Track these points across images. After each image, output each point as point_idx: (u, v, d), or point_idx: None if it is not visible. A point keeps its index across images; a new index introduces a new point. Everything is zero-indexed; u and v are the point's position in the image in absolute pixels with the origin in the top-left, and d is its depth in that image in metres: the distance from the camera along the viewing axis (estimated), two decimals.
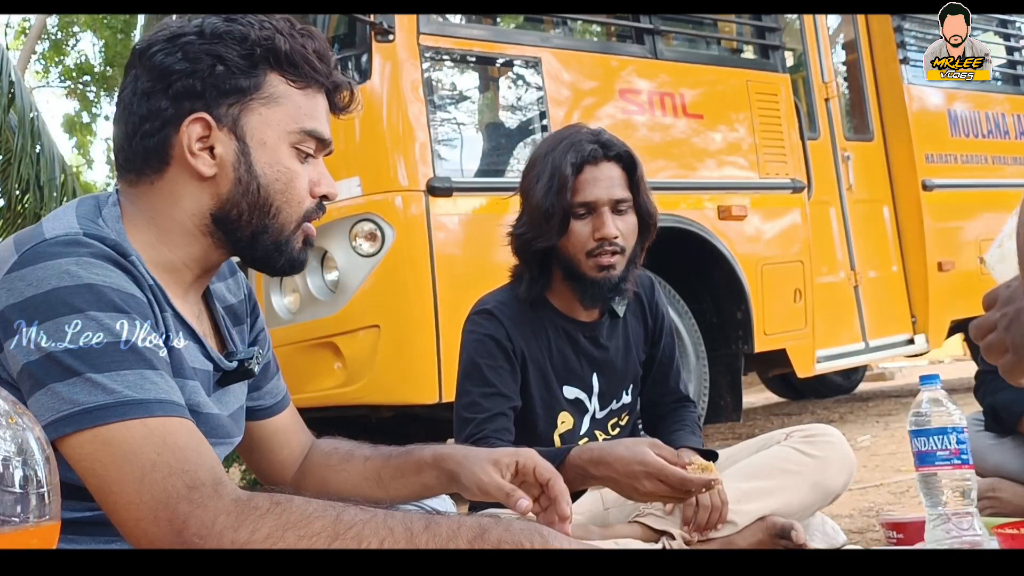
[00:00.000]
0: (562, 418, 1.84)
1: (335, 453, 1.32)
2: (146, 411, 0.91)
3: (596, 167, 1.76)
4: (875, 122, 4.80)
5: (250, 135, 1.06)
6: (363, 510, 0.91)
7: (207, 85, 1.05)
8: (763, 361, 4.14)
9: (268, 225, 1.09)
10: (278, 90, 1.08)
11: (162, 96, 1.05)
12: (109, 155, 15.78)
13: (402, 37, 3.05)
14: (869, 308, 4.50)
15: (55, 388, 0.91)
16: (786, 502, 1.78)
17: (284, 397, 1.35)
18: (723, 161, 3.86)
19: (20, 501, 0.64)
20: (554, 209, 1.73)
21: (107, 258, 0.98)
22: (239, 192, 1.07)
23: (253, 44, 1.06)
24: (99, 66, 14.78)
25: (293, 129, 1.08)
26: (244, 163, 1.06)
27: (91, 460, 0.89)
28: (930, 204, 4.69)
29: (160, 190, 1.08)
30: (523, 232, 1.78)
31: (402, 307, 2.97)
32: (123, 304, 0.96)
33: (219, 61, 1.05)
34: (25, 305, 0.93)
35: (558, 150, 1.75)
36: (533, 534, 0.93)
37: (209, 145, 1.06)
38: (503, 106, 3.71)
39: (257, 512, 0.86)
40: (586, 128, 1.84)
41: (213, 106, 1.05)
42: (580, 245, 1.76)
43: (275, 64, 1.07)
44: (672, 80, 3.76)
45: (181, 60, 1.05)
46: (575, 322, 1.87)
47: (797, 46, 4.58)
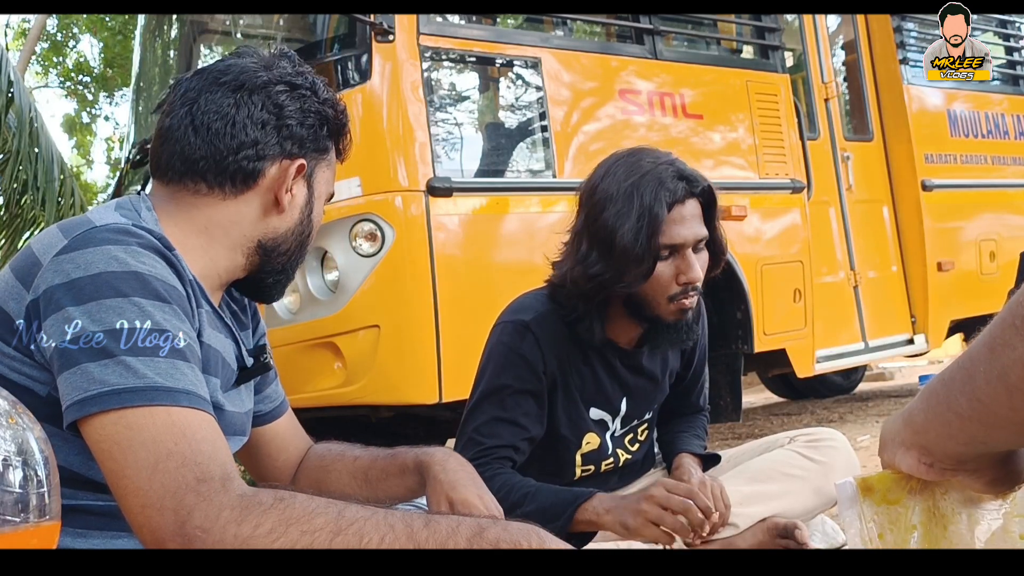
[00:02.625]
0: (588, 439, 1.80)
1: (328, 454, 1.36)
2: (172, 400, 0.93)
3: (683, 206, 1.64)
4: (875, 122, 4.80)
5: (316, 188, 1.23)
6: (364, 508, 0.92)
7: (309, 137, 1.20)
8: (763, 361, 4.14)
9: (297, 261, 1.24)
10: (331, 158, 1.26)
11: (274, 132, 1.17)
12: (109, 155, 15.78)
13: (402, 37, 3.04)
14: (869, 308, 4.50)
15: (88, 368, 0.93)
16: (788, 506, 1.78)
17: (282, 402, 1.37)
18: (723, 161, 3.85)
19: (20, 501, 0.64)
20: (645, 254, 1.60)
21: (154, 249, 1.02)
22: (296, 231, 1.21)
23: (336, 118, 1.23)
24: (98, 67, 14.77)
25: (331, 191, 1.27)
26: (308, 209, 1.22)
27: (111, 442, 0.91)
28: (930, 204, 4.69)
29: (228, 207, 1.16)
30: (600, 273, 1.63)
31: (402, 307, 2.97)
32: (166, 295, 0.99)
33: (324, 122, 1.21)
34: (71, 286, 0.96)
35: (645, 187, 1.60)
36: (530, 534, 0.94)
37: (291, 187, 1.19)
38: (503, 106, 3.70)
39: (261, 508, 0.88)
40: (663, 156, 1.69)
41: (308, 156, 1.20)
42: (663, 289, 1.65)
43: (339, 136, 1.26)
44: (672, 80, 3.76)
45: (299, 110, 1.19)
46: (615, 347, 1.78)
47: (797, 46, 4.58)
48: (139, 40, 4.54)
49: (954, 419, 0.63)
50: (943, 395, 0.64)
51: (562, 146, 3.35)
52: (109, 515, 1.02)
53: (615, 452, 1.85)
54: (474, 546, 0.91)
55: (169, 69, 4.25)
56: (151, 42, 4.43)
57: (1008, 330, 0.57)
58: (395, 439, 4.02)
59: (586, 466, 1.83)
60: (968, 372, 0.61)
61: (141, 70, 4.43)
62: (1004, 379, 0.57)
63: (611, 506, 1.57)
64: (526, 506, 1.58)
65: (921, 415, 0.67)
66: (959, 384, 0.62)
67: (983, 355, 0.59)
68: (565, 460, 1.79)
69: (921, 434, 0.68)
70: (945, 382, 0.64)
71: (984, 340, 0.60)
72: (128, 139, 4.40)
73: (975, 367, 0.60)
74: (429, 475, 1.24)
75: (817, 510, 1.84)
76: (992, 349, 0.59)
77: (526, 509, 1.56)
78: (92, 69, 14.81)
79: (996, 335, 0.58)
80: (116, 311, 0.95)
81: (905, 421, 0.70)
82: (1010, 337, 0.57)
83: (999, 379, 0.58)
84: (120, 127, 14.24)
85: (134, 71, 4.59)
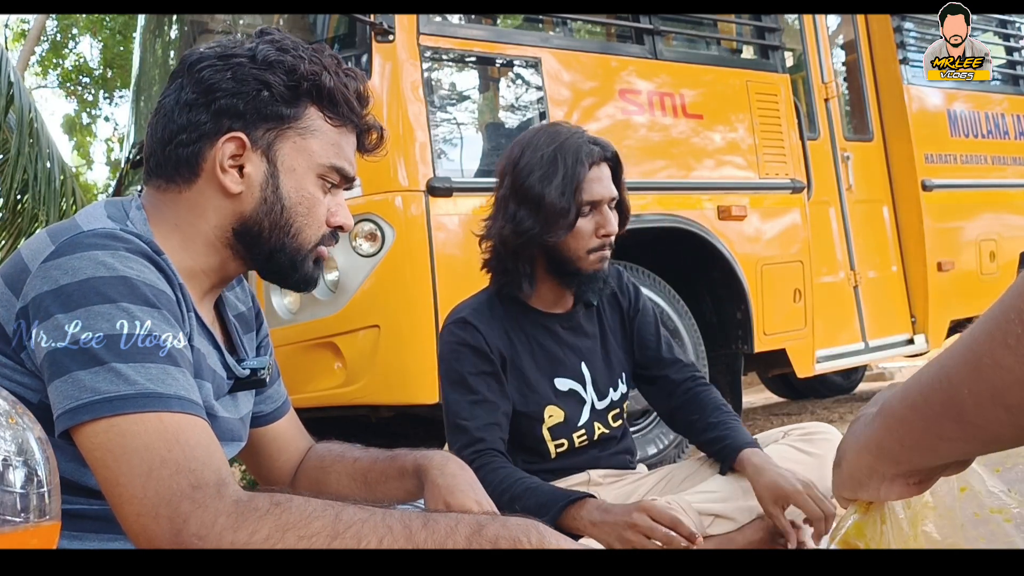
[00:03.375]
0: (549, 412, 1.87)
1: (328, 454, 1.35)
2: (164, 405, 0.92)
3: (599, 167, 1.85)
4: (875, 122, 4.80)
5: (281, 160, 1.12)
6: (362, 509, 0.92)
7: (249, 108, 1.10)
8: (763, 361, 4.13)
9: (286, 244, 1.14)
10: (314, 124, 1.13)
11: (203, 110, 1.09)
12: (109, 156, 15.79)
13: (402, 37, 3.04)
14: (869, 308, 4.50)
15: (78, 375, 0.92)
16: None
17: (284, 403, 1.37)
18: (723, 161, 3.85)
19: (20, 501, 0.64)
20: (570, 207, 1.80)
21: (142, 254, 1.01)
22: (263, 211, 1.12)
23: (300, 77, 1.11)
24: (98, 68, 14.77)
25: (322, 162, 1.14)
26: (271, 185, 1.12)
27: (103, 450, 0.90)
28: (930, 204, 4.69)
29: (187, 200, 1.12)
30: (528, 228, 1.81)
31: (402, 307, 2.97)
32: (155, 299, 0.98)
33: (265, 87, 1.10)
34: (59, 292, 0.95)
35: (567, 151, 1.81)
36: (529, 530, 0.94)
37: (240, 164, 1.11)
38: (503, 106, 3.70)
39: (256, 514, 0.87)
40: (575, 127, 1.92)
41: (251, 128, 1.10)
42: (584, 242, 1.84)
43: (317, 99, 1.13)
44: (672, 80, 3.75)
45: (229, 80, 1.09)
46: (551, 315, 1.93)
47: (797, 46, 4.58)
48: (139, 40, 4.54)
49: (941, 443, 0.58)
50: (917, 422, 0.59)
51: None
52: (104, 519, 1.01)
53: (591, 424, 1.91)
54: (473, 545, 0.91)
55: (169, 69, 4.25)
56: (151, 42, 4.43)
57: (998, 349, 0.52)
58: (395, 439, 4.02)
59: (558, 440, 1.89)
60: (948, 395, 0.55)
61: (141, 70, 4.44)
62: (1000, 400, 0.52)
63: (599, 520, 1.63)
64: (523, 501, 1.67)
65: (895, 445, 0.61)
66: (939, 408, 0.56)
67: (966, 375, 0.54)
68: (535, 437, 1.87)
69: (904, 463, 0.63)
70: (914, 407, 0.59)
71: (963, 358, 0.55)
72: (128, 139, 4.40)
73: (956, 389, 0.54)
74: (427, 479, 1.23)
75: None
76: (978, 369, 0.53)
77: (522, 503, 1.66)
78: (92, 70, 14.81)
79: (981, 352, 0.53)
80: (105, 317, 0.93)
81: (876, 455, 0.64)
82: (1001, 356, 0.51)
83: (993, 401, 0.52)
84: (120, 128, 14.24)
85: (134, 71, 4.59)
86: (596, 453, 1.95)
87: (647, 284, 3.49)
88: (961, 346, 0.55)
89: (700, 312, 3.75)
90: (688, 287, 3.72)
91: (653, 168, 3.63)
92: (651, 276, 3.53)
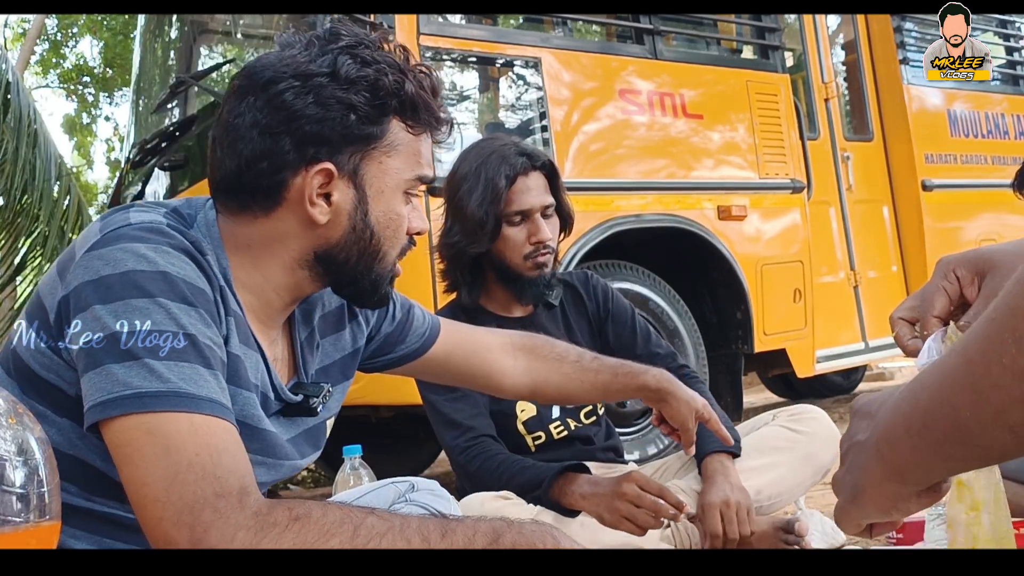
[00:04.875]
0: (520, 407, 1.94)
1: (562, 357, 1.49)
2: (196, 407, 0.90)
3: (527, 177, 1.91)
4: (875, 122, 4.80)
5: (369, 184, 1.06)
6: (380, 519, 0.90)
7: (335, 134, 1.02)
8: (763, 361, 4.14)
9: (373, 268, 1.10)
10: (398, 137, 1.07)
11: (286, 137, 1.02)
12: (109, 156, 15.79)
13: (402, 37, 3.04)
14: (869, 308, 4.50)
15: (111, 369, 0.90)
16: (780, 476, 1.88)
17: (429, 333, 1.38)
18: (723, 161, 3.85)
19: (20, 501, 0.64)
20: (488, 217, 1.87)
21: (184, 250, 0.99)
22: (351, 239, 1.07)
23: (386, 94, 1.04)
24: (98, 68, 14.77)
25: (409, 177, 1.08)
26: (360, 212, 1.06)
27: (131, 447, 0.88)
28: (930, 204, 4.69)
29: (264, 226, 1.06)
30: (456, 240, 1.91)
31: None
32: (192, 297, 0.96)
33: (351, 110, 1.02)
34: (99, 284, 0.94)
35: (490, 164, 1.88)
36: (545, 536, 0.95)
37: (326, 191, 1.05)
38: (503, 106, 3.70)
39: (276, 529, 0.86)
40: (508, 139, 2.00)
41: (337, 154, 1.04)
42: (517, 249, 1.92)
43: (399, 111, 1.06)
44: (672, 80, 3.75)
45: (313, 105, 1.02)
46: (512, 319, 1.99)
47: (797, 46, 4.58)
48: (139, 40, 4.54)
49: (955, 465, 0.58)
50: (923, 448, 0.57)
51: (562, 146, 3.35)
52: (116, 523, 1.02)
53: (564, 418, 1.97)
54: None
55: (169, 69, 4.25)
56: (151, 42, 4.43)
57: (994, 368, 0.50)
58: (395, 439, 4.02)
59: (534, 434, 1.95)
60: (951, 421, 0.54)
61: (141, 70, 4.44)
62: (1002, 421, 0.51)
63: (589, 493, 1.69)
64: (519, 479, 1.77)
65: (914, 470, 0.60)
66: (942, 435, 0.55)
67: (965, 398, 0.53)
68: (512, 432, 1.93)
69: (923, 482, 0.63)
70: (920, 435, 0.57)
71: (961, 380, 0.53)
72: (128, 139, 4.40)
73: (958, 412, 0.53)
74: (666, 392, 1.46)
75: (808, 480, 1.93)
76: (976, 391, 0.52)
77: (517, 481, 1.76)
78: (92, 70, 14.81)
79: (978, 374, 0.51)
80: (142, 312, 0.92)
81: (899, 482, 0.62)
82: (998, 376, 0.50)
83: (995, 422, 0.51)
84: (120, 127, 14.25)
85: (134, 71, 4.59)
86: (580, 447, 2.00)
87: (647, 284, 3.49)
88: (958, 367, 0.54)
89: (700, 312, 3.75)
90: (688, 287, 3.72)
91: (653, 168, 3.63)
92: (651, 276, 3.53)
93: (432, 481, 1.46)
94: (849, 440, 0.67)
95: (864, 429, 0.65)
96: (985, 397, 0.51)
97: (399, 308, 1.34)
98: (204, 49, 4.28)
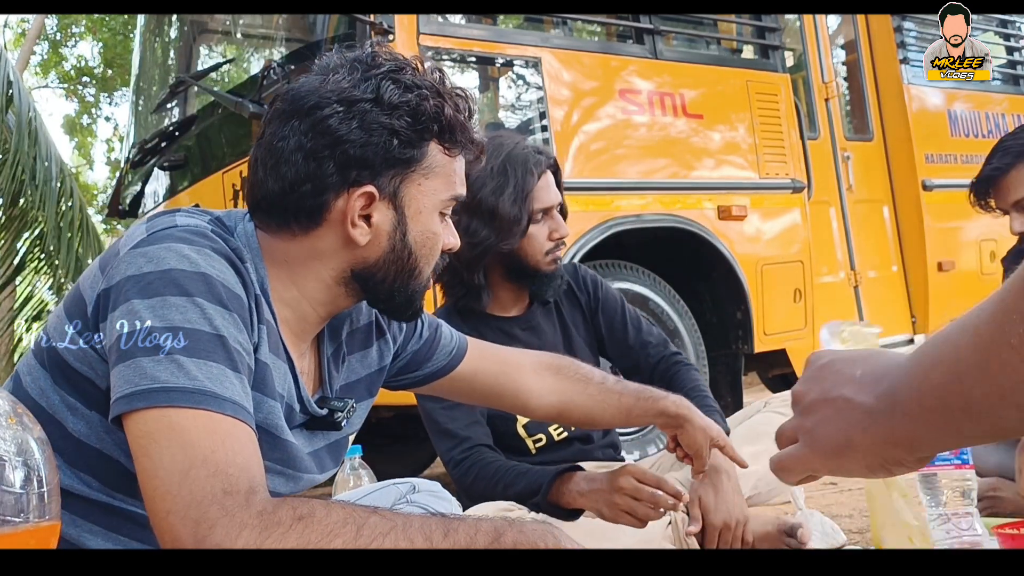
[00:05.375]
0: None
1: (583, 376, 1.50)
2: (219, 407, 0.92)
3: (545, 176, 1.95)
4: (875, 122, 4.80)
5: (408, 205, 1.09)
6: (384, 519, 0.91)
7: (378, 158, 1.06)
8: (763, 361, 4.14)
9: (409, 284, 1.13)
10: (436, 160, 1.10)
11: (330, 161, 1.05)
12: (109, 156, 15.79)
13: (402, 37, 3.04)
14: (869, 308, 4.50)
15: (141, 362, 0.92)
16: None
17: (456, 351, 1.39)
18: (723, 161, 3.85)
19: (20, 501, 0.64)
20: (522, 215, 1.90)
21: (225, 256, 1.01)
22: (390, 259, 1.10)
23: (427, 119, 1.08)
24: (98, 68, 14.77)
25: (445, 198, 1.12)
26: (399, 232, 1.10)
27: (150, 439, 0.90)
28: (930, 204, 4.69)
29: (303, 244, 1.10)
30: (484, 238, 1.90)
31: None
32: (228, 301, 0.98)
33: (394, 135, 1.06)
34: (140, 279, 0.96)
35: (514, 161, 1.90)
36: (546, 535, 0.96)
37: (367, 213, 1.08)
38: (503, 106, 3.71)
39: (280, 529, 0.86)
40: (517, 137, 2.03)
41: (378, 177, 1.07)
42: (539, 246, 1.94)
43: (438, 134, 1.10)
44: (672, 80, 3.75)
45: (357, 130, 1.05)
46: (509, 319, 2.01)
47: (797, 46, 4.58)
48: (139, 40, 4.54)
49: (968, 440, 0.60)
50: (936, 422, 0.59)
51: (562, 146, 3.35)
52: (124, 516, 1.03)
53: None
54: None
55: (169, 69, 4.25)
56: (151, 42, 4.43)
57: (1004, 350, 0.53)
58: (395, 439, 4.02)
59: (535, 436, 1.96)
60: (963, 398, 0.56)
61: (141, 70, 4.43)
62: (1011, 399, 0.54)
63: (586, 490, 1.68)
64: (516, 487, 1.75)
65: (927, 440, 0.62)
66: (957, 412, 0.57)
67: (976, 377, 0.55)
68: (513, 435, 1.94)
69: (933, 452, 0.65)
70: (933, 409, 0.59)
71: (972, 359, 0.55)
72: (128, 139, 4.40)
73: (969, 390, 0.56)
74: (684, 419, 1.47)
75: None
76: (986, 371, 0.54)
77: (514, 489, 1.75)
78: (92, 70, 14.81)
79: (988, 354, 0.54)
80: (179, 309, 0.94)
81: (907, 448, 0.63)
82: (1008, 357, 0.53)
83: (1003, 400, 0.54)
84: (120, 127, 14.25)
85: (134, 71, 4.59)
86: (580, 447, 2.01)
87: (647, 284, 3.49)
88: (969, 346, 0.56)
89: (700, 312, 3.75)
90: (688, 287, 3.72)
91: (653, 168, 3.63)
92: (651, 276, 3.53)
93: (434, 483, 1.46)
94: (819, 392, 0.69)
95: (841, 385, 0.67)
96: (994, 376, 0.53)
97: (426, 327, 1.36)
98: (204, 49, 4.28)
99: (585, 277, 2.10)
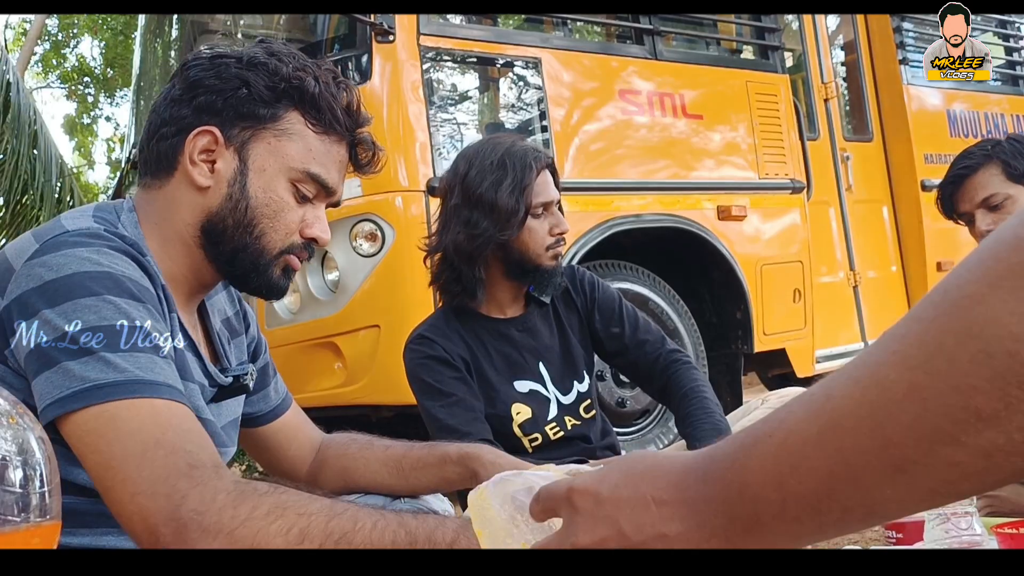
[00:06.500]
0: (516, 409, 1.95)
1: (353, 443, 1.36)
2: (155, 392, 0.92)
3: (544, 173, 1.96)
4: (874, 122, 4.80)
5: (252, 159, 1.11)
6: (355, 505, 0.94)
7: (227, 105, 1.10)
8: (763, 361, 4.14)
9: (248, 244, 1.12)
10: (294, 128, 1.13)
11: (186, 105, 1.11)
12: (110, 156, 15.79)
13: (402, 37, 3.05)
14: (869, 308, 4.50)
15: (67, 366, 0.92)
16: None
17: (284, 399, 1.38)
18: (722, 161, 3.86)
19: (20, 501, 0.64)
20: (519, 206, 1.91)
21: (125, 252, 1.02)
22: (227, 208, 1.11)
23: (282, 79, 1.11)
24: (98, 68, 14.78)
25: (296, 167, 1.13)
26: (239, 182, 1.11)
27: (95, 436, 0.90)
28: (929, 204, 4.67)
29: (165, 195, 1.13)
30: (484, 230, 1.91)
31: (402, 307, 2.97)
32: (139, 294, 0.99)
33: (244, 85, 1.11)
34: (44, 289, 0.96)
35: (514, 159, 1.93)
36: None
37: (212, 159, 1.11)
38: (503, 106, 3.71)
39: (257, 492, 0.88)
40: (515, 136, 2.06)
41: (227, 125, 1.11)
42: (540, 240, 1.94)
43: (299, 103, 1.12)
44: (672, 81, 3.76)
45: (212, 77, 1.11)
46: (505, 320, 2.01)
47: (796, 47, 4.58)
48: (139, 40, 4.55)
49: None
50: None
51: (562, 146, 3.36)
52: (94, 513, 1.01)
53: (561, 418, 1.98)
54: (461, 535, 0.92)
55: (169, 69, 4.25)
56: (151, 42, 4.43)
57: (948, 446, 0.48)
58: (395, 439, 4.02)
59: (531, 435, 1.95)
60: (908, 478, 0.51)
61: (141, 70, 4.44)
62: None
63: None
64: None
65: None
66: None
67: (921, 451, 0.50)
68: (509, 435, 1.93)
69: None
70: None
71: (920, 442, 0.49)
72: (128, 139, 4.40)
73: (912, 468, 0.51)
74: (479, 463, 1.27)
75: None
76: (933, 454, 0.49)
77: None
78: (92, 70, 14.81)
79: (936, 440, 0.48)
80: (92, 310, 0.94)
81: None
82: (951, 454, 0.48)
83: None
84: (120, 128, 14.25)
85: (134, 71, 4.60)
86: (577, 446, 2.00)
87: (647, 284, 3.49)
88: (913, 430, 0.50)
89: (700, 312, 3.75)
90: (688, 287, 3.72)
91: (653, 168, 3.63)
92: (651, 276, 3.53)
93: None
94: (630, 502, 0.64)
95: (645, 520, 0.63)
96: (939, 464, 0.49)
97: (269, 364, 1.36)
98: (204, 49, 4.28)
99: (583, 279, 2.11)
